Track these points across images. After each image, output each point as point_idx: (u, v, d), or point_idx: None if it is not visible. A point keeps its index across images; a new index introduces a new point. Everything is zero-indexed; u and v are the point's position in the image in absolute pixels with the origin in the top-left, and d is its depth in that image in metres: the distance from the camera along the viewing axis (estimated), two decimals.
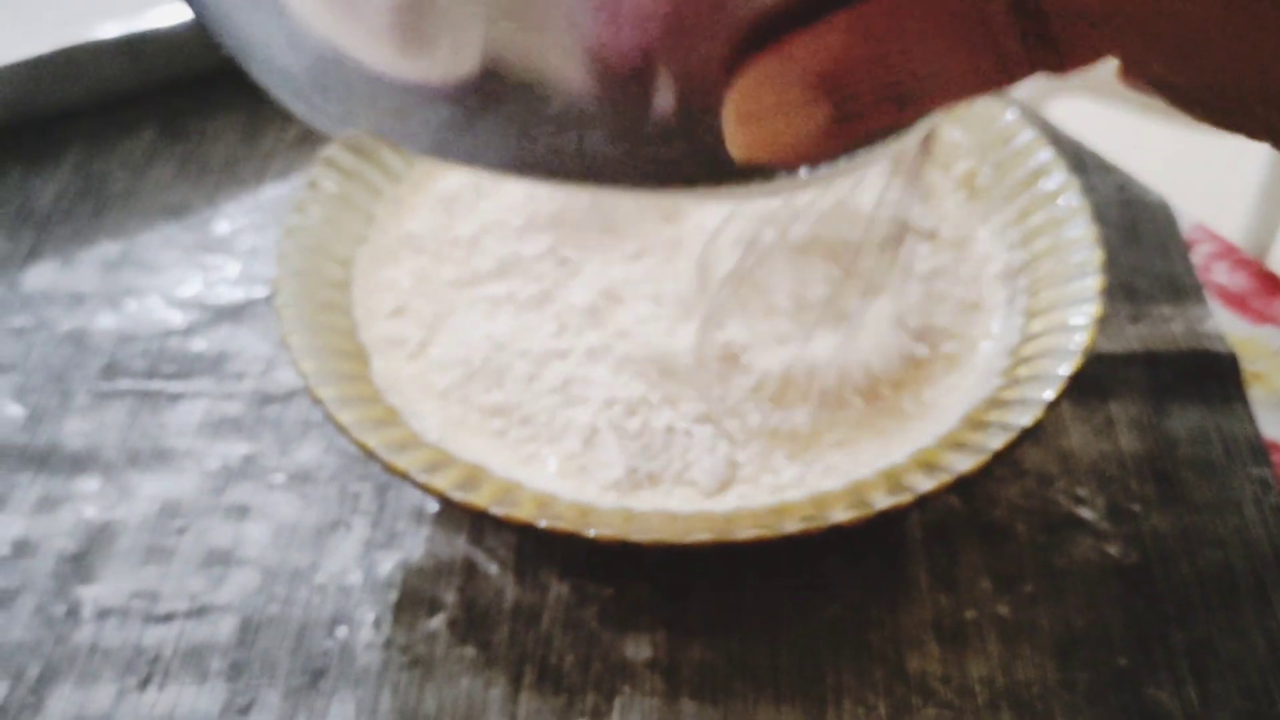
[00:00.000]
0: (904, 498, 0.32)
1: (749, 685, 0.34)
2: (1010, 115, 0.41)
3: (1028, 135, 0.41)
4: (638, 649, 0.35)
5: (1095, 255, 0.37)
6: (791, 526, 0.32)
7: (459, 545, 0.37)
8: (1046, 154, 0.40)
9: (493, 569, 0.36)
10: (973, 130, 0.42)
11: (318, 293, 0.38)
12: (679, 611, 0.35)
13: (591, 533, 0.31)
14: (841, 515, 0.32)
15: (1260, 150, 0.94)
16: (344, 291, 0.39)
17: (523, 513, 0.32)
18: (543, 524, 0.31)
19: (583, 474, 0.35)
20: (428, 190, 0.43)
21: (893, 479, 0.33)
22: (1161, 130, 0.90)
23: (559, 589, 0.36)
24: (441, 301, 0.40)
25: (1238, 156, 0.96)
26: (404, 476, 0.33)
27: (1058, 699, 0.33)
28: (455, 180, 0.43)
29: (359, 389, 0.36)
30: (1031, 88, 0.89)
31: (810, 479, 0.35)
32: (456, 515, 0.38)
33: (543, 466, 0.35)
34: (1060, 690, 0.34)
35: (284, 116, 0.52)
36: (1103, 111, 0.89)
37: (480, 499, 0.32)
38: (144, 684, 0.34)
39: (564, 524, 0.31)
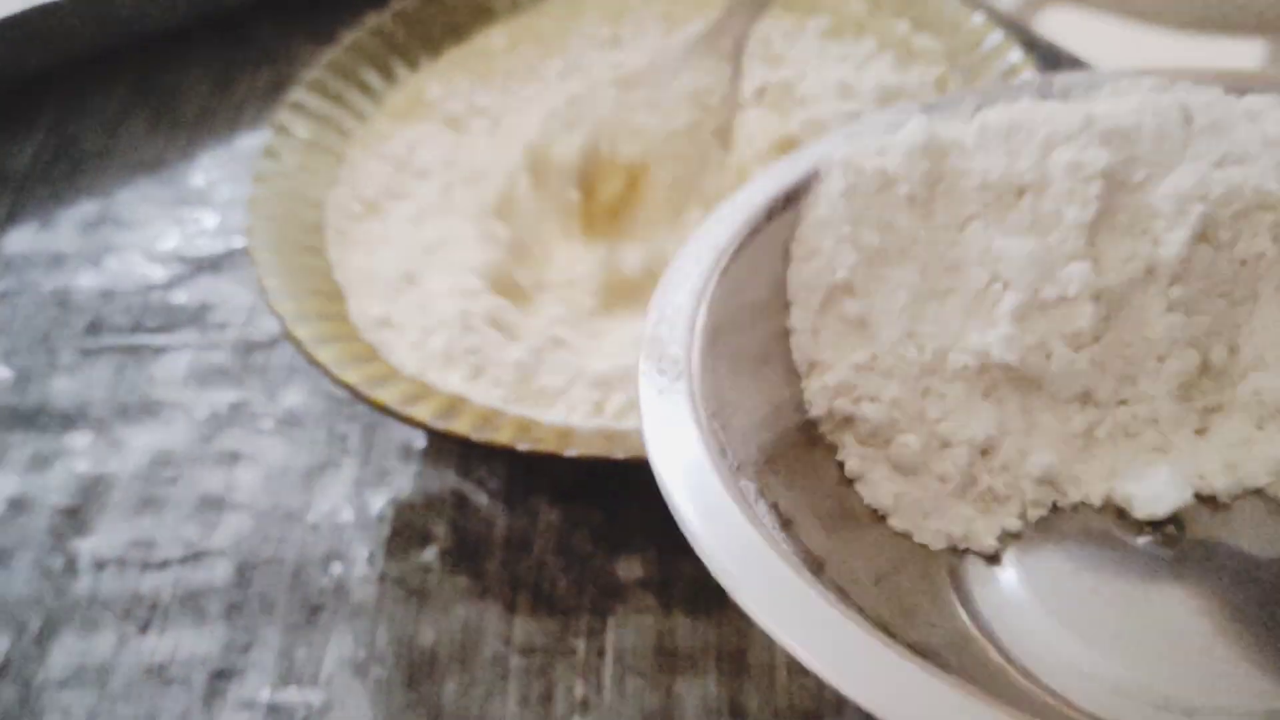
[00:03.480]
0: None
1: None
2: (978, 19, 0.41)
3: (996, 38, 0.40)
4: (629, 569, 0.35)
5: None
6: None
7: (448, 478, 0.37)
8: (1016, 55, 0.39)
9: (483, 500, 0.37)
10: (942, 36, 0.42)
11: (291, 236, 0.38)
12: (669, 529, 0.36)
13: (571, 453, 0.31)
14: None
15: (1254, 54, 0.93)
16: (318, 234, 0.39)
17: (503, 437, 0.32)
18: (522, 447, 0.31)
19: (561, 400, 0.35)
20: (395, 131, 0.43)
21: None
22: (1157, 39, 0.89)
23: (549, 515, 0.36)
24: (412, 239, 0.40)
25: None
26: (384, 410, 0.33)
27: None
28: (422, 125, 0.43)
29: (336, 328, 0.36)
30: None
31: None
32: (444, 449, 0.38)
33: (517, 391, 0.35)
34: None
35: (255, 65, 0.52)
36: (1094, 22, 0.88)
37: (461, 426, 0.32)
38: (144, 629, 0.34)
39: (544, 446, 0.32)
